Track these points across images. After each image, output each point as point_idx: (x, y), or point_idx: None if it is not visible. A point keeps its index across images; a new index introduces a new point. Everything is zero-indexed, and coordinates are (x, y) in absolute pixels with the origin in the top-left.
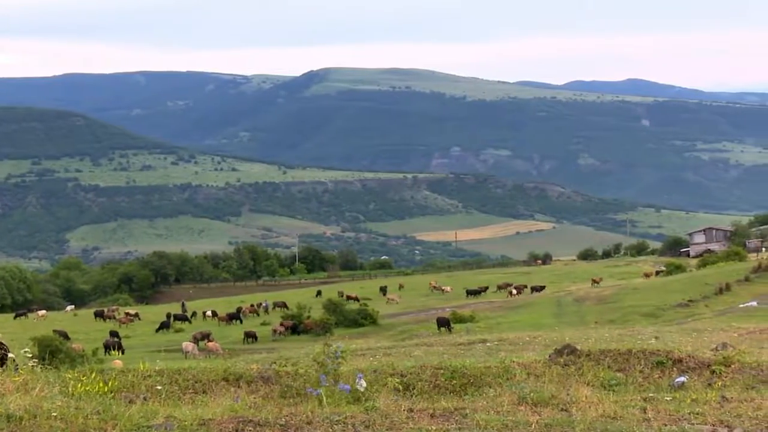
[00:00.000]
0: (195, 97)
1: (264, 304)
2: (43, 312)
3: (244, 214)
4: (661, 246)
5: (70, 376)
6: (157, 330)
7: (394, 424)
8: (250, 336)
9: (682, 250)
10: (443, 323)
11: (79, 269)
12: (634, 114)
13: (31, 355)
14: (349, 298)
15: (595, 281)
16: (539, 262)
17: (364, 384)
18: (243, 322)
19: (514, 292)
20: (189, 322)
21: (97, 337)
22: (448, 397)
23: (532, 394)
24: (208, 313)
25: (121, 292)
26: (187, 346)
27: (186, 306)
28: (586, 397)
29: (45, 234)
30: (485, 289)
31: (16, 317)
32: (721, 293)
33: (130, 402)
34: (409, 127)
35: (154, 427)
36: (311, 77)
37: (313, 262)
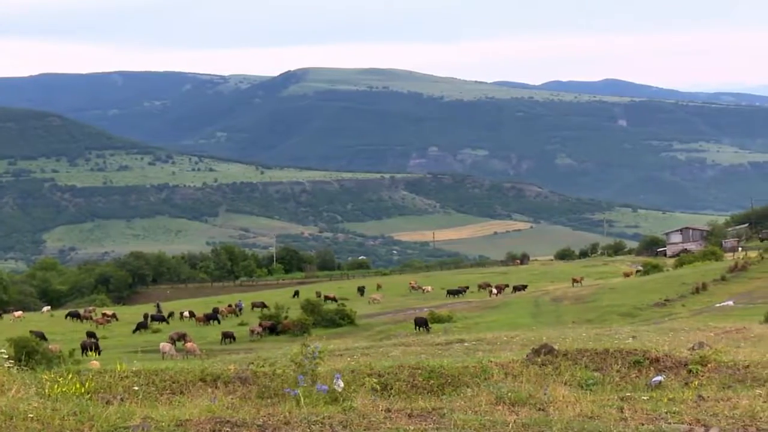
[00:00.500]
0: (172, 97)
1: (238, 304)
2: (19, 313)
3: (222, 215)
4: (638, 246)
5: (47, 377)
6: (135, 331)
7: (371, 424)
8: (228, 336)
9: (658, 250)
10: (421, 323)
11: (55, 270)
12: (611, 114)
13: (7, 356)
14: (327, 298)
15: (575, 280)
16: (518, 262)
17: (342, 384)
18: (221, 322)
19: (495, 291)
20: (166, 323)
21: (74, 337)
22: (425, 397)
23: (510, 394)
24: (186, 313)
25: (98, 293)
26: (165, 346)
27: (161, 307)
28: (564, 396)
29: (21, 234)
30: (466, 288)
31: None
32: (697, 293)
33: (107, 403)
34: (387, 127)
35: (131, 428)
36: (289, 77)
37: (290, 262)
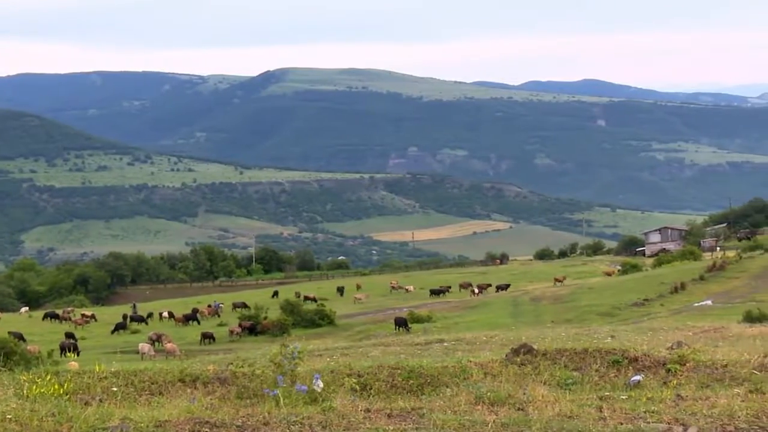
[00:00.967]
0: (151, 97)
1: (214, 305)
2: None
3: (201, 215)
4: (617, 245)
5: (25, 378)
6: (113, 331)
7: (351, 424)
8: (207, 337)
9: (637, 250)
10: (400, 323)
11: (34, 270)
12: (590, 114)
13: None
14: (306, 298)
15: (558, 280)
16: (498, 261)
17: (321, 384)
18: (200, 323)
19: (477, 291)
20: (145, 324)
21: (52, 338)
22: (405, 396)
23: (489, 394)
24: (165, 314)
25: (76, 294)
26: (144, 347)
27: (137, 308)
28: (543, 396)
29: None
30: (448, 288)
31: None
32: (676, 292)
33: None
34: (366, 128)
35: (109, 429)
36: (268, 77)
37: (270, 262)
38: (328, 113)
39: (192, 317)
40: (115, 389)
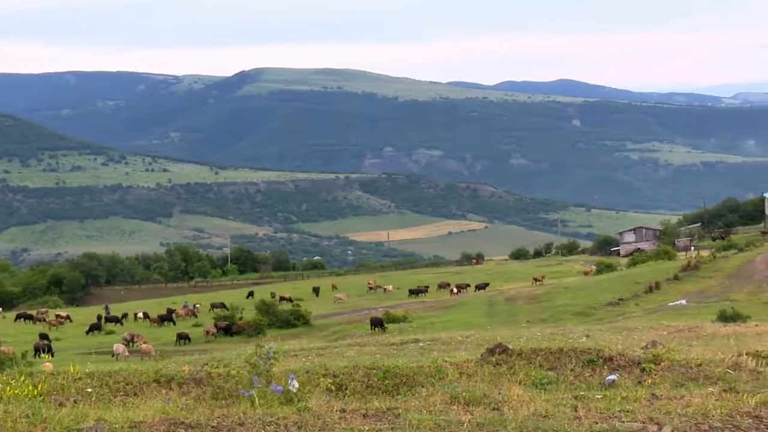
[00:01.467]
0: (126, 97)
1: (185, 305)
2: None
3: (176, 215)
4: (592, 245)
5: None
6: (88, 332)
7: (326, 424)
8: (183, 337)
9: (612, 249)
10: (376, 323)
11: (7, 271)
12: (565, 114)
13: None
14: (282, 298)
15: (536, 279)
16: (474, 261)
17: (297, 385)
18: (176, 323)
19: (455, 290)
20: (120, 324)
21: (26, 339)
22: (380, 397)
23: (464, 394)
24: (140, 314)
25: (50, 294)
26: (118, 348)
27: (110, 309)
28: (518, 395)
29: None
30: (426, 288)
31: None
32: (650, 292)
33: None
34: (342, 128)
35: (84, 430)
36: (243, 77)
37: (245, 263)
38: (303, 113)
39: (167, 318)
40: (89, 390)
